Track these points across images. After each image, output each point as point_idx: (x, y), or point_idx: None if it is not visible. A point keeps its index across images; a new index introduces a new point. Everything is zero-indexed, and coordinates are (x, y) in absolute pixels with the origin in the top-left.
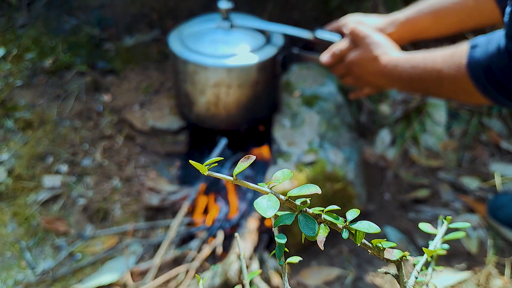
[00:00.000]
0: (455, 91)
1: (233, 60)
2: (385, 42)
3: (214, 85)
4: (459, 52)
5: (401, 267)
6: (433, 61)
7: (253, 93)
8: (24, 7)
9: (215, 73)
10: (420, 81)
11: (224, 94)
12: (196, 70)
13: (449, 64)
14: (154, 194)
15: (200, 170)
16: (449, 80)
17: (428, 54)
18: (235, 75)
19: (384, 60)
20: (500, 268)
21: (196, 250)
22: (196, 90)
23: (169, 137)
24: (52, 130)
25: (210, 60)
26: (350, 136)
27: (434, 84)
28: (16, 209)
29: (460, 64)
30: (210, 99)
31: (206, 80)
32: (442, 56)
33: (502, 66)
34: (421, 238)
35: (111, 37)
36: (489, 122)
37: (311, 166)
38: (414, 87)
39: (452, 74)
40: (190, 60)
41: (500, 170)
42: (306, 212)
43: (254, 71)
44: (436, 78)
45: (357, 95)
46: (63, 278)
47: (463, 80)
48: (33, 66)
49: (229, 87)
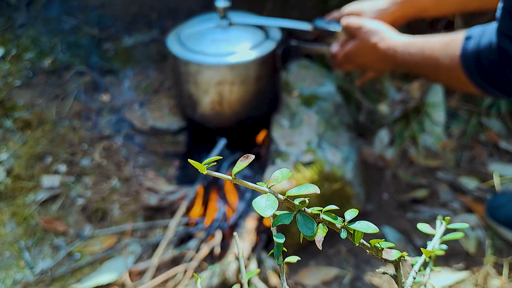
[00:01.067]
0: (450, 79)
1: (235, 57)
2: (381, 28)
3: (217, 84)
4: (455, 42)
5: (399, 267)
6: (431, 48)
7: (256, 89)
8: (23, 7)
9: (218, 72)
10: (418, 68)
11: (227, 92)
12: (199, 70)
13: (445, 54)
14: (152, 194)
15: (199, 169)
16: (444, 69)
17: (426, 41)
18: (237, 72)
19: (382, 46)
20: (498, 268)
21: (194, 250)
22: (199, 90)
23: (168, 137)
24: (51, 130)
25: (212, 59)
26: (349, 136)
27: (431, 71)
28: (15, 209)
29: (454, 54)
30: (214, 98)
31: (210, 79)
32: (440, 44)
33: (491, 60)
34: (419, 238)
35: (110, 37)
36: (488, 122)
37: (309, 166)
38: (414, 72)
39: (447, 64)
40: (192, 61)
41: (499, 170)
42: (304, 211)
43: (255, 66)
44: (433, 66)
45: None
46: (62, 277)
47: (457, 70)
48: (32, 66)
49: (232, 84)
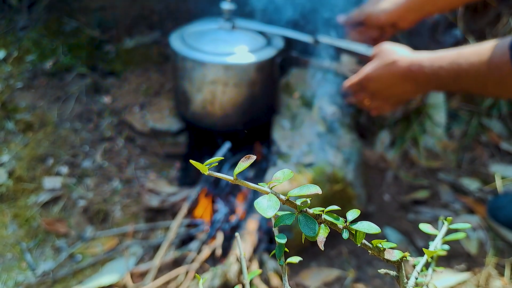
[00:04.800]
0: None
1: (231, 58)
2: (399, 48)
3: (210, 82)
4: (494, 45)
5: (401, 268)
6: (467, 59)
7: (250, 94)
8: (25, 9)
9: (212, 70)
10: (459, 82)
11: (220, 92)
12: (193, 67)
13: (488, 60)
14: (154, 196)
15: (200, 170)
16: (494, 77)
17: (457, 53)
18: (232, 73)
19: (404, 62)
20: (500, 269)
21: (196, 252)
22: (193, 88)
23: (169, 139)
24: (52, 132)
25: (208, 57)
26: (350, 137)
27: (476, 83)
28: (16, 210)
29: (504, 51)
30: (206, 96)
31: (203, 76)
32: (475, 54)
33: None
34: (421, 239)
35: (111, 39)
36: (489, 123)
37: (310, 167)
38: (450, 87)
39: (495, 71)
40: (189, 57)
41: (500, 171)
42: (306, 212)
43: (251, 70)
44: (478, 77)
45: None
46: (64, 279)
47: (509, 76)
48: (33, 68)
49: (226, 85)
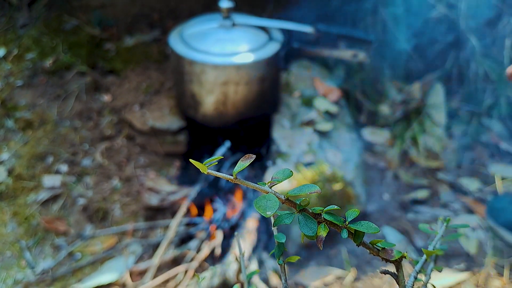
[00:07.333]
0: None
1: (242, 57)
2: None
3: (223, 84)
4: None
5: (400, 267)
6: None
7: (260, 89)
8: (25, 7)
9: (224, 72)
10: None
11: (232, 92)
12: (204, 70)
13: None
14: (153, 194)
15: (200, 168)
16: None
17: None
18: (243, 72)
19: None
20: (499, 269)
21: (195, 250)
22: (203, 90)
23: (168, 137)
24: (52, 130)
25: (219, 59)
26: (350, 136)
27: None
28: (16, 208)
29: None
30: (218, 98)
31: (215, 79)
32: None
33: None
34: (420, 239)
35: (112, 37)
36: (489, 123)
37: (310, 166)
38: None
39: None
40: (197, 60)
41: (500, 171)
42: (305, 211)
43: (262, 67)
44: None
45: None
46: (63, 277)
47: None
48: (33, 66)
49: (238, 84)
